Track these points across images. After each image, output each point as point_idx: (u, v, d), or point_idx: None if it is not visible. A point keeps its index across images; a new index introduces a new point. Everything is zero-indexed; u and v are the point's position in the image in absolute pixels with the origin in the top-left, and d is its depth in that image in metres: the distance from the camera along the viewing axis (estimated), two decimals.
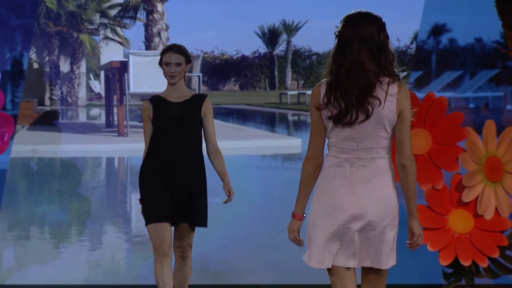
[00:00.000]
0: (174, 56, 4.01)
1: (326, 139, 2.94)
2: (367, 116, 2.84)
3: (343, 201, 2.87)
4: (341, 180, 2.88)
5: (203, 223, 4.02)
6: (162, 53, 4.05)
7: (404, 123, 2.88)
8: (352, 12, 2.92)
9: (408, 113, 2.88)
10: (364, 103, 2.83)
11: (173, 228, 4.04)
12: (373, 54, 2.85)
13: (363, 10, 2.92)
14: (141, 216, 4.02)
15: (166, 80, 4.07)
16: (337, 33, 2.89)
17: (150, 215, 3.95)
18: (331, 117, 2.87)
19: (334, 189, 2.89)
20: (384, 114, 2.86)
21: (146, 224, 3.97)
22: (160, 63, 4.05)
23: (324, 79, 2.93)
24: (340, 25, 2.90)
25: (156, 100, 4.06)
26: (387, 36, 2.90)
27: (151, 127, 4.02)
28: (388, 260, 2.91)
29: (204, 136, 4.05)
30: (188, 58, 4.04)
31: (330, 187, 2.89)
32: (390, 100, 2.86)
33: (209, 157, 4.09)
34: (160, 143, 3.98)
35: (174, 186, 3.94)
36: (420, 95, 4.48)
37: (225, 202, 4.09)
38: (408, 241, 2.97)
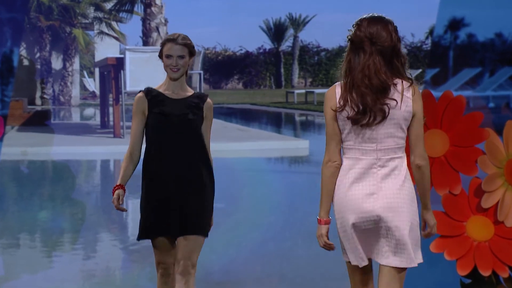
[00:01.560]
0: (177, 48, 3.79)
1: (342, 141, 3.20)
2: (384, 117, 3.11)
3: (365, 202, 3.13)
4: (362, 181, 3.14)
5: (202, 232, 3.78)
6: (163, 44, 3.82)
7: (418, 124, 3.17)
8: (364, 15, 3.18)
9: (421, 114, 3.18)
10: (380, 105, 3.10)
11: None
12: (386, 57, 3.12)
13: (376, 14, 3.17)
14: (138, 223, 3.87)
15: (165, 77, 3.86)
16: (350, 36, 3.15)
17: (151, 229, 3.79)
18: (349, 118, 3.12)
19: (356, 190, 3.14)
20: (400, 114, 3.14)
21: (152, 238, 3.80)
22: (160, 55, 3.84)
23: (338, 82, 3.20)
24: (353, 28, 3.17)
25: (153, 94, 3.83)
26: (399, 39, 3.17)
27: (142, 122, 3.80)
28: (413, 258, 3.17)
29: None
30: (192, 50, 3.82)
31: (352, 189, 3.15)
32: (406, 101, 3.14)
33: None
34: (161, 146, 3.78)
35: (179, 195, 3.76)
36: (436, 94, 4.48)
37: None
38: (422, 231, 3.26)
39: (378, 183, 3.13)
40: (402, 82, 3.15)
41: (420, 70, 32.21)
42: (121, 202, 3.88)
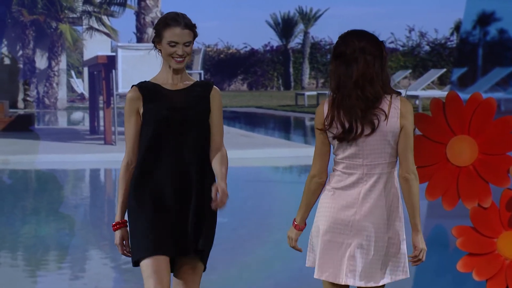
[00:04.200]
0: (184, 33, 3.53)
1: (333, 155, 3.49)
2: (373, 130, 3.38)
3: (350, 216, 3.42)
4: (345, 194, 3.44)
5: (205, 247, 3.59)
6: (163, 28, 3.56)
7: (407, 137, 3.42)
8: (348, 30, 3.49)
9: (411, 127, 3.43)
10: (369, 115, 3.38)
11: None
12: (377, 69, 3.40)
13: (359, 29, 3.46)
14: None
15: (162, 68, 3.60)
16: (340, 50, 3.41)
17: (145, 248, 3.51)
18: (335, 137, 3.42)
19: (341, 205, 3.44)
20: (388, 129, 3.41)
21: (140, 259, 3.52)
22: (157, 41, 3.59)
23: (327, 98, 3.47)
24: (339, 43, 3.45)
25: (147, 87, 3.56)
26: (386, 53, 3.49)
27: (138, 125, 3.54)
28: (400, 274, 3.47)
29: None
30: (196, 33, 3.58)
31: (337, 203, 3.45)
32: (394, 113, 3.40)
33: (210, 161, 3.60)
34: (158, 147, 3.52)
35: (178, 207, 3.53)
36: (463, 96, 4.48)
37: (214, 207, 3.54)
38: (410, 255, 3.48)
39: (360, 198, 3.42)
40: (391, 95, 3.43)
41: (444, 70, 32.19)
42: (126, 247, 3.60)
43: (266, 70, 43.92)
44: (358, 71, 3.37)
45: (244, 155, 13.96)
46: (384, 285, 3.48)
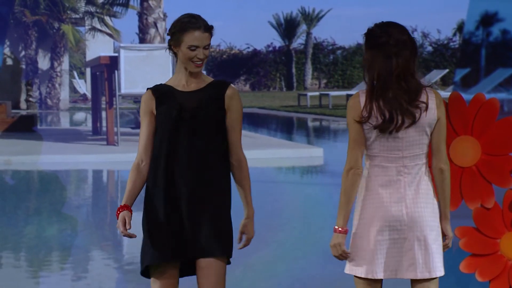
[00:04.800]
0: (204, 37, 3.47)
1: (367, 148, 3.47)
2: (413, 122, 3.41)
3: (392, 209, 3.41)
4: (388, 188, 3.42)
5: (227, 252, 3.63)
6: (182, 31, 3.47)
7: (442, 128, 3.48)
8: (386, 21, 3.45)
9: (444, 118, 3.48)
10: (411, 107, 3.40)
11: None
12: (412, 64, 3.44)
13: (396, 22, 3.45)
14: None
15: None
16: (381, 40, 3.38)
17: (155, 254, 3.50)
18: (376, 127, 3.40)
19: (382, 198, 3.42)
20: (427, 120, 3.44)
21: (149, 263, 3.51)
22: (175, 45, 3.51)
23: (361, 90, 3.45)
24: (378, 32, 3.41)
25: (160, 89, 3.54)
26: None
27: (151, 126, 3.52)
28: (439, 266, 3.46)
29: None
30: (212, 34, 3.54)
31: (378, 197, 3.42)
32: (432, 105, 3.45)
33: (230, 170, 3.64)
34: (171, 150, 3.50)
35: (191, 209, 3.52)
36: (466, 96, 4.48)
37: (240, 248, 3.64)
38: (442, 243, 3.50)
39: (406, 190, 3.42)
40: (425, 87, 3.47)
41: (447, 70, 32.20)
42: (129, 227, 3.48)
43: (269, 71, 43.94)
44: (399, 65, 3.38)
45: (247, 156, 13.92)
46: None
